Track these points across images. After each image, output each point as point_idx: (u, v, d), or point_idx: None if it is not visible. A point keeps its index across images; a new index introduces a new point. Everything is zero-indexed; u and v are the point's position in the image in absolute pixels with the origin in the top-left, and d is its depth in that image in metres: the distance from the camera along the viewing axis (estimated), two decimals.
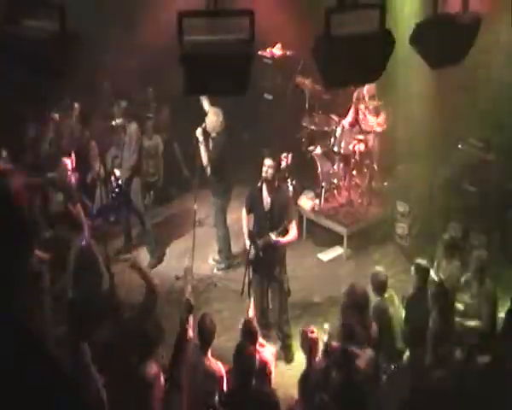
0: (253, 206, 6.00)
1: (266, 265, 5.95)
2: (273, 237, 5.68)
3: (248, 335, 4.83)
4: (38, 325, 4.80)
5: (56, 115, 7.99)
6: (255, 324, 5.00)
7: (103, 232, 8.10)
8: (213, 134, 7.00)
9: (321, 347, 4.72)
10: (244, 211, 6.13)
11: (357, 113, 8.31)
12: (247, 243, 5.90)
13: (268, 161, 5.84)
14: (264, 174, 5.86)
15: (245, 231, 6.03)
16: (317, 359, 4.73)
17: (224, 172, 7.20)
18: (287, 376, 5.72)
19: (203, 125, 6.96)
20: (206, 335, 4.72)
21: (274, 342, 6.15)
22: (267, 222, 5.83)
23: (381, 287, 5.49)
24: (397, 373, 4.90)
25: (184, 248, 7.67)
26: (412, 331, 5.27)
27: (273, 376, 4.98)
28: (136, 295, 6.90)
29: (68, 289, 5.82)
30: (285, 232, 5.80)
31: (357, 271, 7.51)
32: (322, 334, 5.47)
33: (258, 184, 5.97)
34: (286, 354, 6.14)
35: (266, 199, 5.88)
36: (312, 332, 4.74)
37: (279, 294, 6.06)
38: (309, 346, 4.70)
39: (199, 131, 6.89)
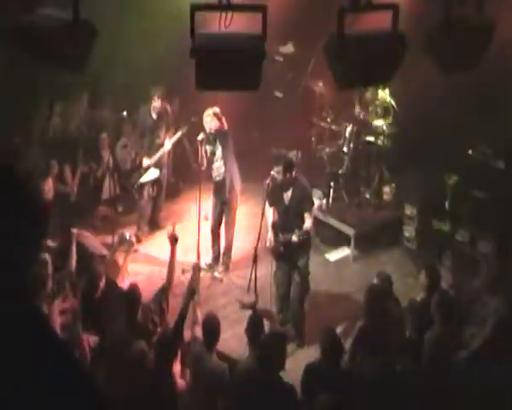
0: (274, 200, 6.18)
1: (290, 256, 6.15)
2: (294, 238, 5.87)
3: (253, 329, 4.82)
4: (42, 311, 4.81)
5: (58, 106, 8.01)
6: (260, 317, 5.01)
7: (111, 222, 8.17)
8: (215, 134, 6.97)
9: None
10: (267, 205, 6.29)
11: (366, 113, 8.30)
12: (270, 235, 6.12)
13: (276, 168, 6.03)
14: (276, 177, 6.04)
15: (269, 224, 6.24)
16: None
17: (229, 173, 7.17)
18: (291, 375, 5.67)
19: (206, 131, 6.96)
20: (211, 334, 4.71)
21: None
22: (287, 216, 6.03)
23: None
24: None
25: (191, 242, 7.68)
26: (413, 336, 5.24)
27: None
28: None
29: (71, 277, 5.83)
30: (298, 225, 5.98)
31: (363, 272, 7.48)
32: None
33: (278, 181, 6.10)
34: (299, 344, 6.30)
35: (287, 194, 6.05)
36: (332, 331, 4.76)
37: (300, 285, 6.22)
38: (326, 343, 4.71)
39: (201, 135, 6.92)
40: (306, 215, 5.99)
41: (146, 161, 7.77)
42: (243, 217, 8.13)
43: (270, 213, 6.25)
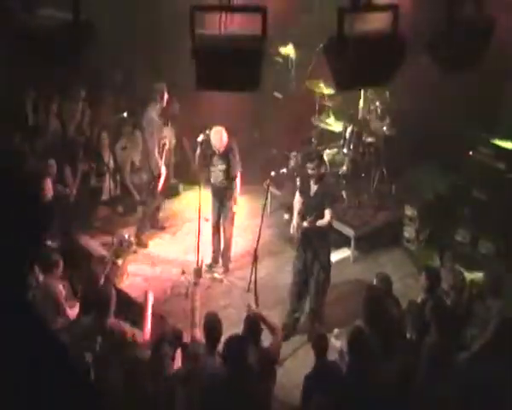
0: (304, 191, 6.44)
1: (308, 246, 6.35)
2: (304, 223, 6.16)
3: (251, 331, 4.81)
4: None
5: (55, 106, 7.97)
6: (258, 319, 4.99)
7: (111, 223, 8.16)
8: (221, 153, 6.98)
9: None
10: (297, 193, 6.56)
11: (366, 114, 8.30)
12: (295, 222, 6.35)
13: (311, 164, 6.21)
14: (310, 173, 6.24)
15: (294, 211, 6.51)
16: (328, 361, 4.75)
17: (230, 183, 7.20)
18: (293, 375, 5.67)
19: (206, 132, 6.96)
20: (212, 334, 4.66)
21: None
22: (310, 207, 6.29)
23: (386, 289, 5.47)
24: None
25: (191, 243, 7.68)
26: (413, 337, 5.23)
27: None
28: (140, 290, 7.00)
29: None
30: (320, 218, 6.21)
31: (363, 273, 7.46)
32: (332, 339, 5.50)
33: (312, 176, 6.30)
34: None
35: (313, 186, 6.31)
36: (323, 336, 4.75)
37: (319, 277, 6.36)
38: (320, 348, 4.72)
39: (201, 136, 6.96)
40: (327, 211, 6.18)
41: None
42: (243, 217, 8.13)
43: (298, 202, 6.48)
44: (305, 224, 6.18)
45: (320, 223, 6.19)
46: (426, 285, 5.52)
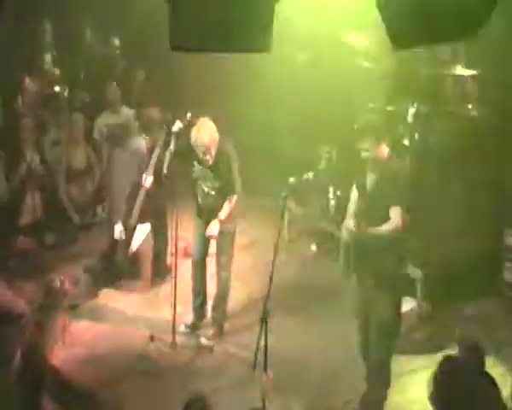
0: (357, 184, 6.53)
1: (369, 273, 6.36)
2: (349, 227, 6.31)
3: None
4: None
5: None
6: None
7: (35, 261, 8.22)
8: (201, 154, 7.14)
9: None
10: (354, 187, 6.61)
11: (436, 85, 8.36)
12: (347, 225, 6.41)
13: (363, 146, 6.26)
14: (363, 156, 6.33)
15: (349, 212, 6.55)
16: None
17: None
18: None
19: (186, 118, 7.16)
20: None
21: None
22: (365, 205, 6.34)
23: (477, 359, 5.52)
24: None
25: (165, 291, 7.74)
26: None
27: None
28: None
29: None
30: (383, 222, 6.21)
31: (436, 337, 7.50)
32: None
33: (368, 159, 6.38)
34: None
35: (370, 176, 6.36)
36: None
37: (380, 327, 6.32)
38: None
39: (177, 124, 7.19)
40: (394, 211, 6.17)
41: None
42: (245, 250, 8.19)
43: (354, 200, 6.57)
44: (350, 228, 6.24)
45: (382, 230, 6.16)
46: None
